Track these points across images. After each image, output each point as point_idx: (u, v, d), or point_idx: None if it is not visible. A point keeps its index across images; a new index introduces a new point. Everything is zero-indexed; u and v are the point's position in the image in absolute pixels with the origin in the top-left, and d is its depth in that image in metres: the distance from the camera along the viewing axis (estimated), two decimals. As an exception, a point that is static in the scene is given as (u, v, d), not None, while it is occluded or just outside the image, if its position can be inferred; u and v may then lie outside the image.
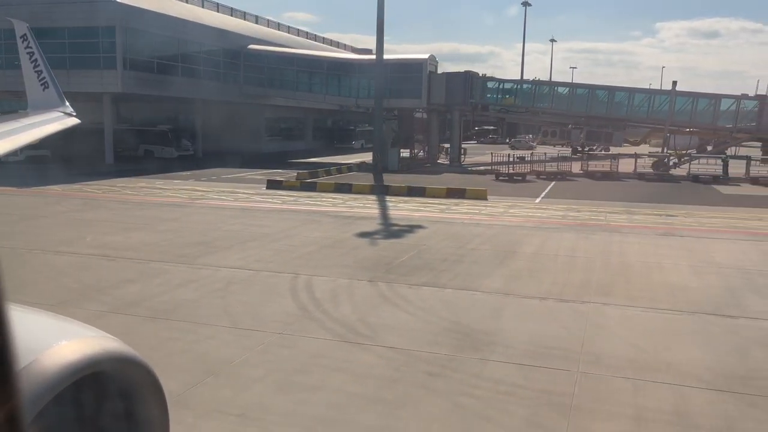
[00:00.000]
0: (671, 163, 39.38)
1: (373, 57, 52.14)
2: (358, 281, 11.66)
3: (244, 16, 67.81)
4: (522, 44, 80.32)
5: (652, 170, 38.48)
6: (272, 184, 28.31)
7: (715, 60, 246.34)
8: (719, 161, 36.71)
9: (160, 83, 41.98)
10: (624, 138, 43.18)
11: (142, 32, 40.08)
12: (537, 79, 67.49)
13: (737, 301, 10.74)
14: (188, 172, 35.92)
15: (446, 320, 9.52)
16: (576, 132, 45.17)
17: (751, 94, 40.92)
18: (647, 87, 44.53)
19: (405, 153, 50.55)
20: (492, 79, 48.23)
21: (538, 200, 25.67)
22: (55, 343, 1.88)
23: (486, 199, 25.25)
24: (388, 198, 25.36)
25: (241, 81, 50.08)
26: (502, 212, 21.75)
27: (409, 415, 6.35)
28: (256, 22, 69.17)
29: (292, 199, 24.55)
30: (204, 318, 9.35)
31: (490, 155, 41.50)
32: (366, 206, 22.68)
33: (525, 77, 76.50)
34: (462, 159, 47.99)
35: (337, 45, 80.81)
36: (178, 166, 39.86)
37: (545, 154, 41.97)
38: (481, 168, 41.27)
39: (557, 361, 7.80)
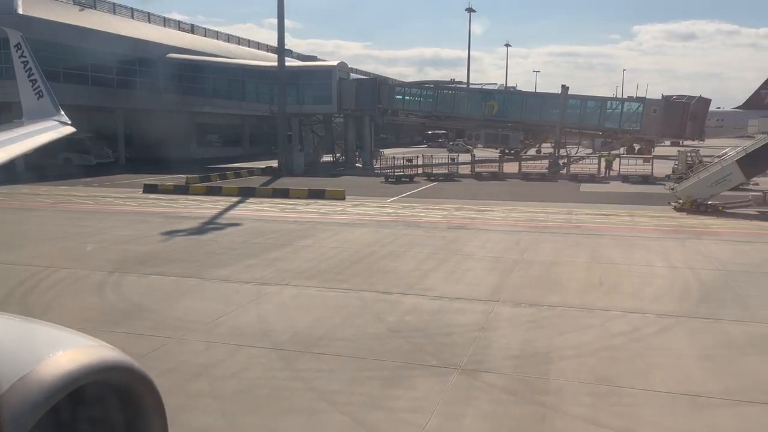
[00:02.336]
0: (561, 163, 41.35)
1: (298, 63, 53.73)
2: (98, 272, 13.03)
3: (178, 25, 69.33)
4: (467, 49, 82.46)
5: (547, 171, 40.38)
6: (148, 188, 29.55)
7: (692, 62, 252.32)
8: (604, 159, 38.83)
9: (69, 93, 42.81)
10: (520, 139, 45.06)
11: (45, 43, 41.01)
12: (502, 85, 69.34)
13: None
14: (94, 179, 36.93)
15: (126, 302, 10.96)
16: (515, 135, 46.84)
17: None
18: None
19: (328, 157, 52.21)
20: (399, 84, 49.95)
21: (390, 200, 27.20)
22: (53, 352, 1.85)
23: (343, 199, 26.78)
24: (251, 200, 26.77)
25: (161, 89, 51.09)
26: (338, 211, 23.25)
27: None
28: (192, 31, 70.66)
29: (152, 202, 25.87)
30: None
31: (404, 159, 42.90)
32: (214, 207, 24.00)
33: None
34: (376, 162, 49.53)
35: (287, 51, 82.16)
36: (94, 172, 40.77)
37: (472, 156, 43.73)
38: (388, 171, 42.83)
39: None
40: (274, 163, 43.81)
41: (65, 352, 1.89)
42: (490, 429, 6.46)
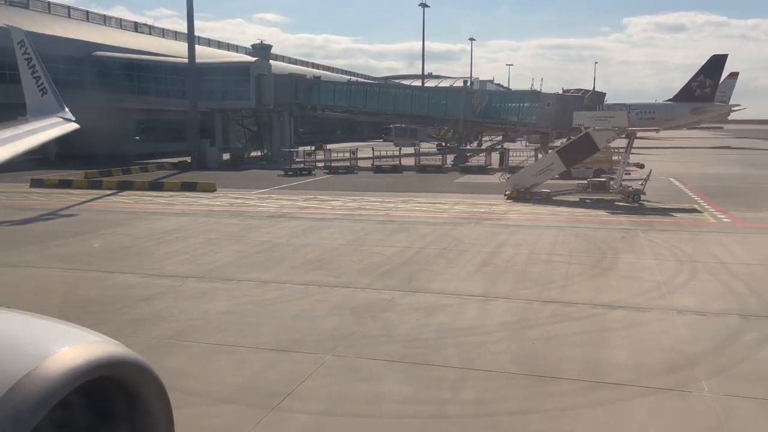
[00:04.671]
0: (468, 155, 43.14)
1: (216, 60, 55.09)
2: None
3: (120, 23, 70.40)
4: (422, 43, 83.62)
5: (452, 164, 42.03)
6: (35, 183, 30.97)
7: (682, 53, 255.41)
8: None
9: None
10: (428, 134, 46.72)
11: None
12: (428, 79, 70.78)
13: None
14: (8, 174, 38.10)
15: None
16: (422, 130, 48.55)
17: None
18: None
19: (257, 153, 53.63)
20: (315, 80, 51.37)
21: (262, 191, 28.72)
22: (58, 348, 1.85)
23: (214, 191, 28.37)
24: (124, 193, 28.29)
25: (87, 86, 52.20)
26: (189, 203, 24.77)
27: None
28: (136, 29, 71.72)
29: (23, 195, 27.38)
30: None
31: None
32: (78, 199, 25.47)
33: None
34: (297, 156, 51.03)
35: (248, 47, 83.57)
36: (18, 167, 41.90)
37: (400, 149, 45.11)
38: (301, 165, 44.33)
39: None
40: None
41: (71, 348, 1.87)
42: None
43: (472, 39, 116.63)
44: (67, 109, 9.86)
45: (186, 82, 45.92)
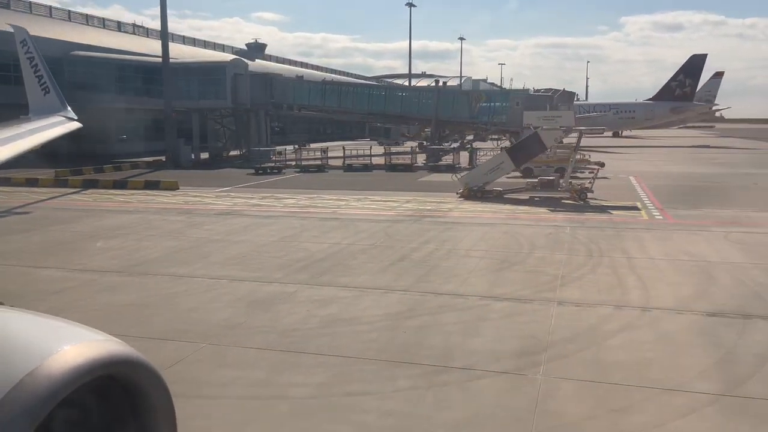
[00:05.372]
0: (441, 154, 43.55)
1: (192, 60, 55.50)
2: None
3: (103, 23, 70.80)
4: (409, 42, 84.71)
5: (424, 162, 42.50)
6: (2, 182, 31.30)
7: (680, 53, 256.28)
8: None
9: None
10: (401, 133, 47.26)
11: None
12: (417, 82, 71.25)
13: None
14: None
15: None
16: (396, 129, 49.05)
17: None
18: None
19: (236, 152, 54.04)
20: (290, 79, 51.83)
21: (224, 189, 29.17)
22: (61, 347, 1.83)
23: (176, 189, 28.83)
24: (88, 191, 28.74)
25: (65, 86, 52.53)
26: (150, 200, 25.21)
27: None
28: (119, 29, 72.12)
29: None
30: None
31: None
32: (37, 197, 25.93)
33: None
34: (274, 155, 51.51)
35: (224, 47, 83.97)
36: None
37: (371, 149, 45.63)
38: (272, 164, 44.80)
39: None
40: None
41: (73, 347, 1.86)
42: None
43: (461, 38, 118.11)
44: (69, 108, 9.99)
45: (162, 82, 46.32)
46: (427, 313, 10.28)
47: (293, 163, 41.90)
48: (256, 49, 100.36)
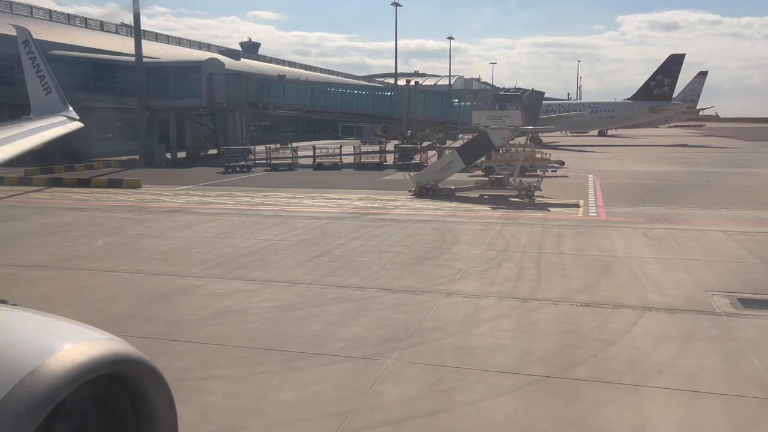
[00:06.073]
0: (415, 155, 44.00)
1: (169, 59, 55.89)
2: None
3: (85, 22, 71.02)
4: (395, 42, 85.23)
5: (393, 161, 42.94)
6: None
7: (676, 51, 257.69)
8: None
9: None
10: (374, 132, 47.70)
11: None
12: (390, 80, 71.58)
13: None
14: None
15: None
16: (368, 128, 49.28)
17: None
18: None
19: (214, 150, 54.42)
20: (265, 78, 52.25)
21: (184, 188, 29.60)
22: (63, 345, 1.85)
23: (139, 187, 29.26)
24: (51, 189, 29.16)
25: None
26: (108, 198, 25.63)
27: None
28: (102, 29, 72.37)
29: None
30: None
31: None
32: (-3, 197, 26.38)
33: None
34: (251, 155, 51.94)
35: (209, 47, 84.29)
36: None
37: (353, 147, 45.99)
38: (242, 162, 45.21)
39: None
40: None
41: (75, 345, 1.88)
42: None
43: (450, 38, 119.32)
44: (71, 108, 10.03)
45: (135, 81, 46.71)
46: (318, 305, 10.75)
47: (264, 161, 42.30)
48: (250, 49, 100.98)
